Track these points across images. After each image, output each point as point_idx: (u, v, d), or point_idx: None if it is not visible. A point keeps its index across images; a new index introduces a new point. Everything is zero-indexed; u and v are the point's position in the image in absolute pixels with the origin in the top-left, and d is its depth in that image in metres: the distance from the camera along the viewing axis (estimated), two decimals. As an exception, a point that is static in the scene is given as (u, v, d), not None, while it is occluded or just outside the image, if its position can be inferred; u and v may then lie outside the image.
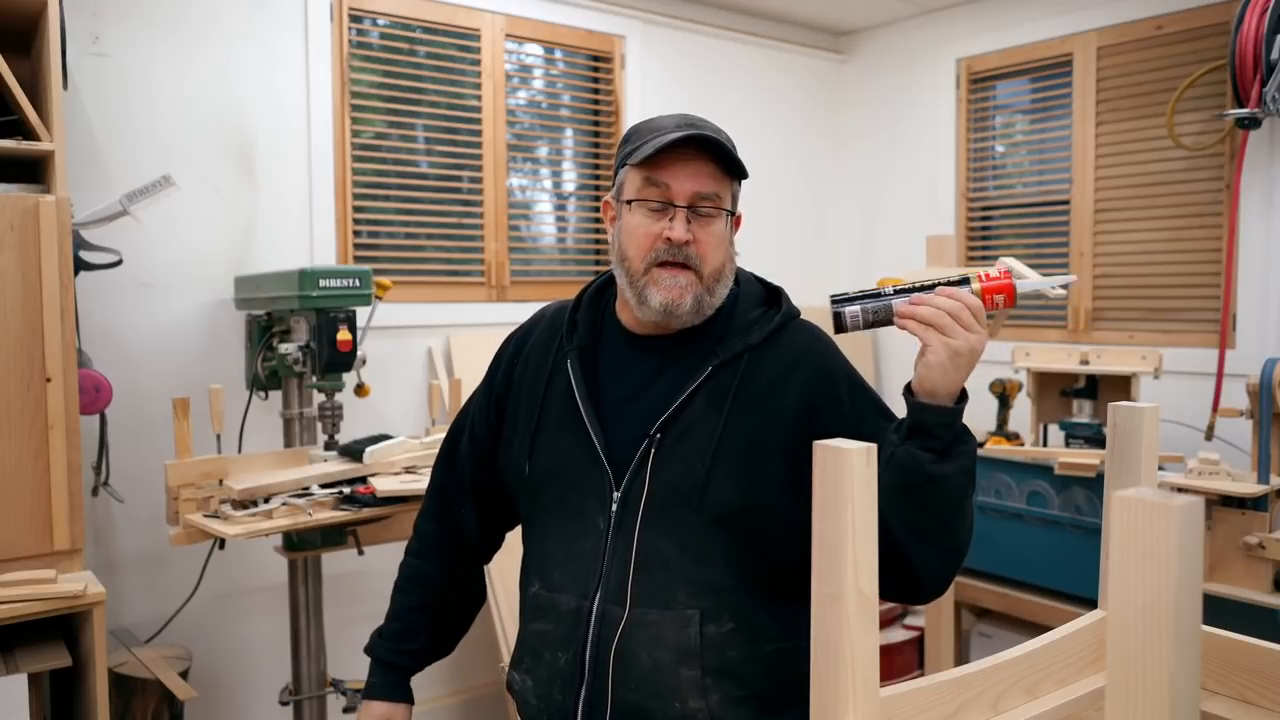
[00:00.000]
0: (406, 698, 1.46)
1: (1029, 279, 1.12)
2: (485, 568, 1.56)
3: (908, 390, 1.15)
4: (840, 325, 1.17)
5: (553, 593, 1.28)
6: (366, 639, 1.50)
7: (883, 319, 1.15)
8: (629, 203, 1.27)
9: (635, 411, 1.28)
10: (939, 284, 1.12)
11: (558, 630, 1.27)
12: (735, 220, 1.32)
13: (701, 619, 1.21)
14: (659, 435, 1.25)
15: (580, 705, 1.24)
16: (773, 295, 1.38)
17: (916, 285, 1.14)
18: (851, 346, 4.04)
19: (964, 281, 1.12)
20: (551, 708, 1.27)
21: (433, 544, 1.49)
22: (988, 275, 1.11)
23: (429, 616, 1.48)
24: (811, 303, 4.07)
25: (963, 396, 1.13)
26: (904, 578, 1.19)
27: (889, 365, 4.17)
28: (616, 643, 1.22)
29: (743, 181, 1.32)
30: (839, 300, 1.17)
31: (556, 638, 1.27)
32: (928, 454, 1.12)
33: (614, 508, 1.25)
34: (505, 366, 1.43)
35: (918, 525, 1.16)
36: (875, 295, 1.15)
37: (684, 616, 1.21)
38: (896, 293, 1.14)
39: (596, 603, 1.24)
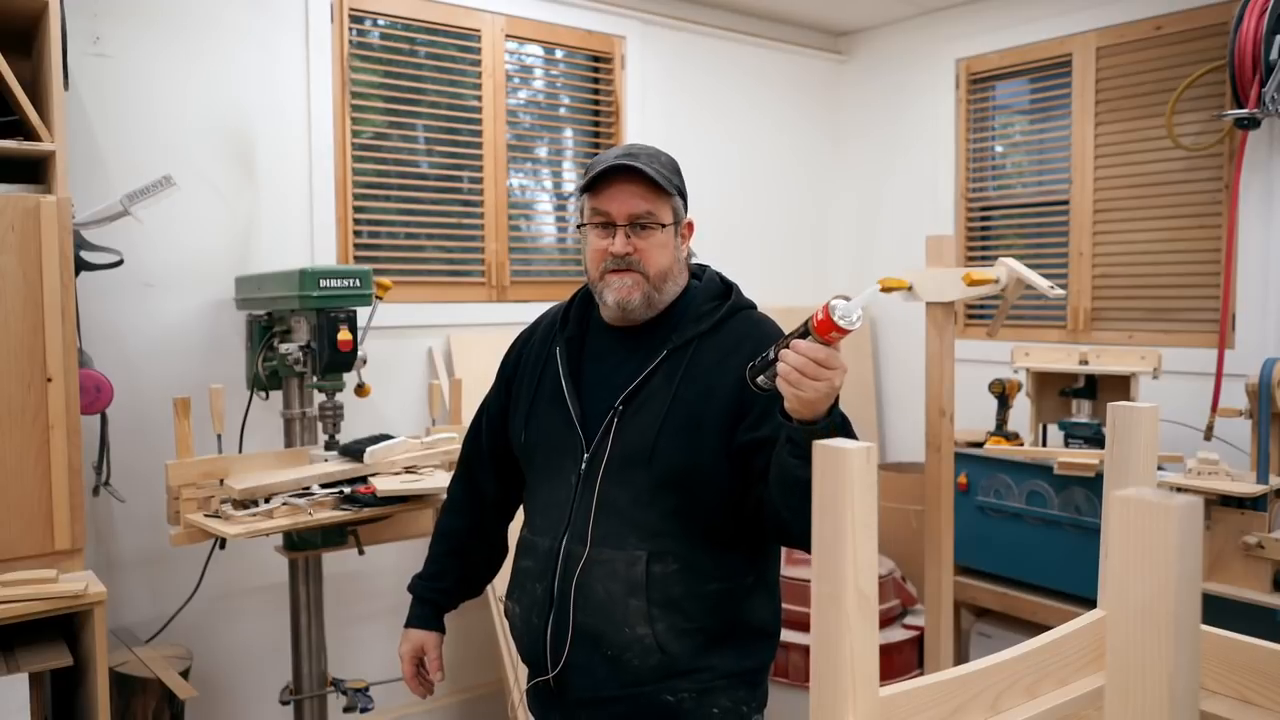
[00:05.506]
0: (439, 628, 1.74)
1: (855, 300, 1.21)
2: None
3: (781, 410, 1.31)
4: (761, 390, 1.33)
5: (534, 535, 1.57)
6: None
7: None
8: (579, 226, 1.58)
9: (607, 388, 1.54)
10: (789, 336, 1.27)
11: (536, 566, 1.54)
12: (687, 226, 1.58)
13: (648, 559, 1.46)
14: (621, 407, 1.51)
15: (550, 627, 1.49)
16: (725, 289, 1.60)
17: (784, 339, 1.28)
18: (852, 347, 4.04)
19: (805, 326, 1.25)
20: (531, 630, 1.54)
21: (459, 502, 1.79)
22: (816, 318, 1.23)
23: (456, 562, 1.76)
24: (809, 303, 4.08)
25: (834, 408, 1.29)
26: (786, 537, 1.46)
27: (889, 365, 4.18)
28: (577, 576, 1.47)
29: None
30: (752, 373, 1.33)
31: (535, 572, 1.53)
32: (795, 460, 1.30)
33: (583, 466, 1.52)
34: (515, 356, 1.73)
35: (795, 508, 1.34)
36: (769, 360, 1.30)
37: (632, 556, 1.46)
38: (776, 350, 1.28)
39: (564, 543, 1.50)
